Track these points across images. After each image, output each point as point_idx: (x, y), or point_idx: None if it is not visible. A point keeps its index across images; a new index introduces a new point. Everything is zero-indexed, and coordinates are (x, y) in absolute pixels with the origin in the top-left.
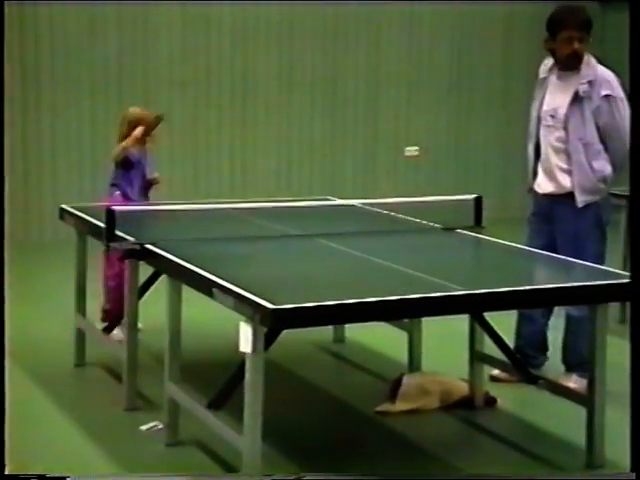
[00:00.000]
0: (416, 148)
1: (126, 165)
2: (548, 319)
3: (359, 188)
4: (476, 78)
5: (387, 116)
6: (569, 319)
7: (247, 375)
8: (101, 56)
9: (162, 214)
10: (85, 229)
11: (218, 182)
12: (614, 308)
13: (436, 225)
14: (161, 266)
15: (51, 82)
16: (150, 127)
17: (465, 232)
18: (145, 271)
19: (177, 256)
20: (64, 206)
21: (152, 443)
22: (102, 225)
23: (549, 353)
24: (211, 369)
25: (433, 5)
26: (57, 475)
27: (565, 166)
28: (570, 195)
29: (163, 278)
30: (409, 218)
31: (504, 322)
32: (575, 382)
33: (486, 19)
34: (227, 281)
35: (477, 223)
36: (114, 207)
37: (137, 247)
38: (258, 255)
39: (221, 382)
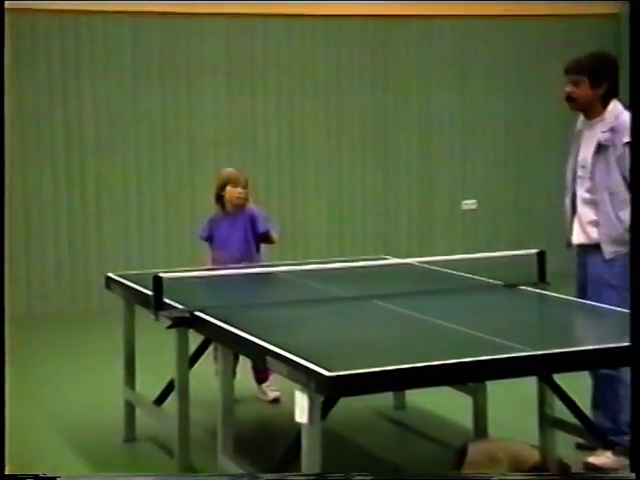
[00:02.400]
0: (473, 201)
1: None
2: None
3: (415, 245)
4: (533, 125)
5: (441, 168)
6: (600, 376)
7: (304, 446)
8: (145, 119)
9: (211, 279)
10: (132, 298)
11: None
12: None
13: (497, 282)
14: (211, 334)
15: (95, 147)
16: (237, 185)
17: (529, 289)
18: (196, 339)
19: (227, 323)
20: (110, 274)
21: None
22: (149, 293)
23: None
24: (266, 439)
25: (485, 51)
26: (50, 475)
27: (593, 217)
28: (599, 246)
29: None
30: (469, 275)
31: (575, 384)
32: (608, 458)
33: (542, 65)
34: (280, 348)
35: (541, 279)
36: (161, 274)
37: (186, 315)
38: (311, 319)
39: (277, 453)
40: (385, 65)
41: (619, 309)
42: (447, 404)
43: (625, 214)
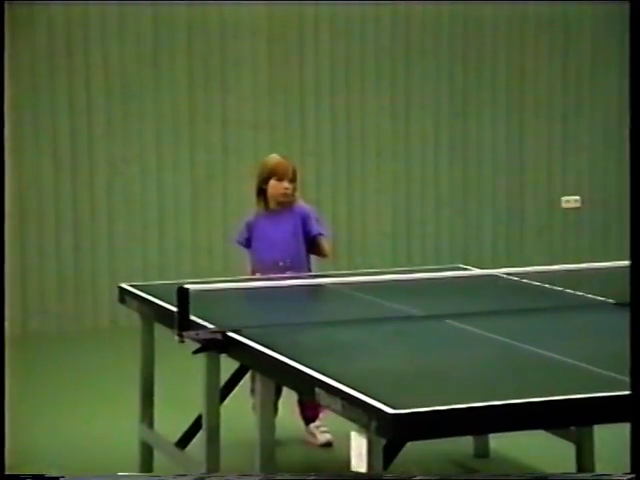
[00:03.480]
0: (576, 198)
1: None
2: None
3: (501, 253)
4: None
5: (537, 158)
6: None
7: None
8: (167, 94)
9: (248, 292)
10: (151, 314)
11: None
12: None
13: (607, 299)
14: (248, 360)
15: (106, 129)
16: (284, 178)
17: None
18: (229, 366)
19: (268, 346)
20: (124, 285)
21: None
22: (173, 309)
23: None
24: None
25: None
26: (53, 475)
27: None
28: None
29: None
30: (569, 291)
31: None
32: None
33: None
34: (333, 378)
35: None
36: (187, 286)
37: (218, 336)
38: (372, 343)
39: None
40: (465, 39)
41: None
42: (542, 453)
43: None
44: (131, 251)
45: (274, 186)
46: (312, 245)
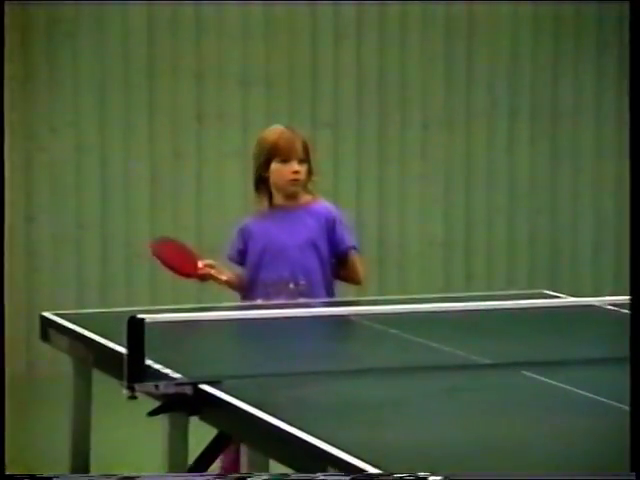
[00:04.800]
0: None
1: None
2: None
3: (605, 275)
4: None
5: None
6: None
7: None
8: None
9: (235, 327)
10: (88, 356)
11: None
12: None
13: None
14: (230, 425)
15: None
16: (291, 158)
17: None
18: (202, 434)
19: (260, 406)
20: (47, 314)
21: None
22: (120, 349)
23: None
24: None
25: None
26: (46, 475)
27: None
28: None
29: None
30: None
31: None
32: None
33: None
34: (353, 454)
35: None
36: (142, 316)
37: (187, 390)
38: (412, 404)
39: None
40: None
41: None
42: None
43: None
44: (58, 263)
45: (278, 171)
46: (339, 264)
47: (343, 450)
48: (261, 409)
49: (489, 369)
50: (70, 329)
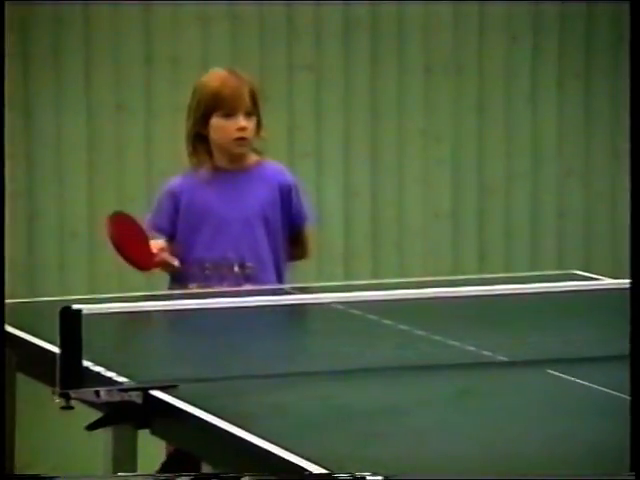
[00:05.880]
0: None
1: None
2: None
3: None
4: None
5: None
6: None
7: None
8: None
9: (186, 318)
10: (12, 358)
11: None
12: None
13: None
14: (188, 439)
15: None
16: (238, 110)
17: None
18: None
19: (223, 416)
20: None
21: None
22: (51, 348)
23: None
24: None
25: None
26: (49, 475)
27: None
28: None
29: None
30: None
31: None
32: None
33: None
34: (337, 472)
35: None
36: (79, 306)
37: (134, 398)
38: (412, 410)
39: None
40: None
41: None
42: None
43: None
44: None
45: (221, 127)
46: (290, 241)
47: (328, 469)
48: (228, 420)
49: (506, 368)
50: None
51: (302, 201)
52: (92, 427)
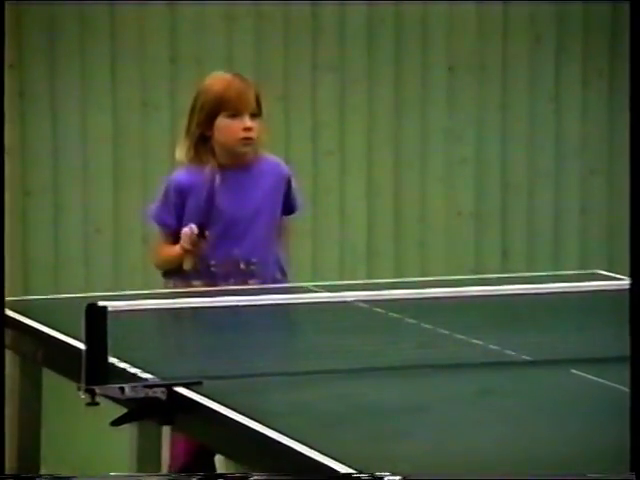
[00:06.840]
0: None
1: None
2: None
3: None
4: None
5: None
6: None
7: None
8: None
9: (211, 315)
10: (38, 354)
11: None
12: None
13: None
14: (212, 435)
15: None
16: (243, 111)
17: None
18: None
19: (246, 413)
20: None
21: None
22: (76, 344)
23: None
24: None
25: None
26: (58, 475)
27: None
28: None
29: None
30: None
31: None
32: None
33: None
34: (362, 470)
35: None
36: (104, 303)
37: (159, 394)
38: (427, 407)
39: None
40: None
41: None
42: None
43: None
44: None
45: (227, 127)
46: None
47: (350, 467)
48: (250, 417)
49: (529, 367)
50: (14, 320)
51: (296, 193)
52: (117, 423)
